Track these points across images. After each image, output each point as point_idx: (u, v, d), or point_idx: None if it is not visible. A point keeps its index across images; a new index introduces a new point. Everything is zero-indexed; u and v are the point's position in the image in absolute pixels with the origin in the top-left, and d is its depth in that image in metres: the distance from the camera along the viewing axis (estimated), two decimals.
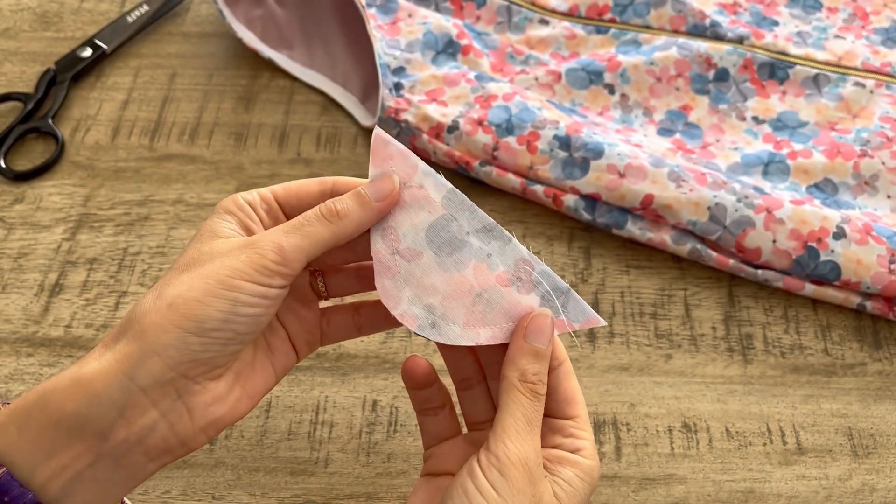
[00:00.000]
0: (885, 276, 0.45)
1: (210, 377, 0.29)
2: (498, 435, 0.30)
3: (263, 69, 0.59)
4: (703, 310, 0.47)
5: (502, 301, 0.32)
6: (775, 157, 0.51)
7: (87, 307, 0.46)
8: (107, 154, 0.54)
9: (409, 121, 0.52)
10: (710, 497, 0.40)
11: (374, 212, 0.32)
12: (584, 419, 0.33)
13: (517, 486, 0.28)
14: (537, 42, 0.58)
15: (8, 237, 0.49)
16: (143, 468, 0.29)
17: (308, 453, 0.41)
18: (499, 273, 0.32)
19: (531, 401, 0.30)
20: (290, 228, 0.30)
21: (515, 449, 0.29)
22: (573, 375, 0.33)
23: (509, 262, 0.32)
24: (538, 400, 0.31)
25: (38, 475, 0.27)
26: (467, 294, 0.32)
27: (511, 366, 0.31)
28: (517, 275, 0.32)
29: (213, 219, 0.31)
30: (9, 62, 0.59)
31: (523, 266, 0.32)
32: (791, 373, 0.45)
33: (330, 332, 0.37)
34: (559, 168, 0.49)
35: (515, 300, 0.32)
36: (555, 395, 0.33)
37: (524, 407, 0.30)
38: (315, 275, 0.36)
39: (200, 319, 0.28)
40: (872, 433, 0.43)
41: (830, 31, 0.58)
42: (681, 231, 0.48)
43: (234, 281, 0.28)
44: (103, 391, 0.27)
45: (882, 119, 0.52)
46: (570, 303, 0.32)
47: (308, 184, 0.33)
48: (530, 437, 0.30)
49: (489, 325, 0.32)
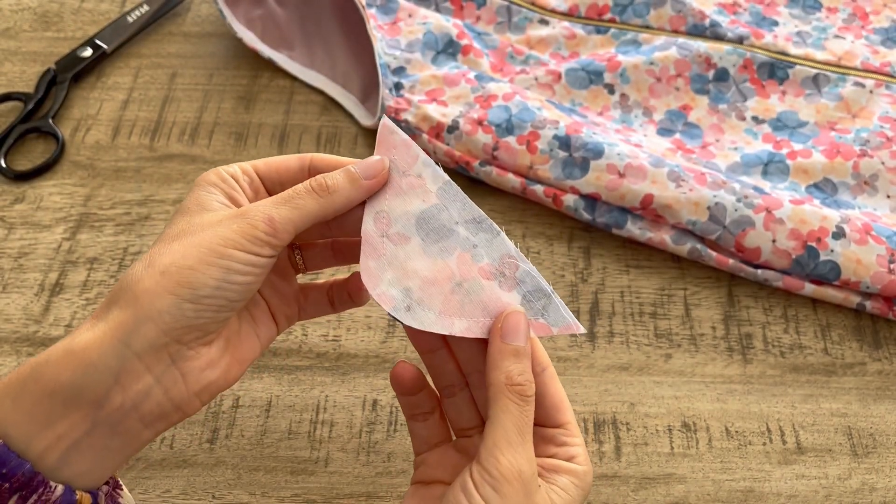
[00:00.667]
0: (885, 275, 0.45)
1: (203, 342, 0.30)
2: (489, 449, 0.29)
3: (264, 69, 0.59)
4: (703, 309, 0.47)
5: (482, 294, 0.32)
6: (775, 156, 0.51)
7: (88, 307, 0.46)
8: (107, 154, 0.54)
9: (409, 121, 0.52)
10: (710, 496, 0.40)
11: (363, 189, 0.32)
12: (574, 424, 0.33)
13: (512, 500, 0.28)
14: (537, 42, 0.58)
15: (8, 237, 0.49)
16: (138, 435, 0.29)
17: (308, 453, 0.41)
18: (482, 265, 0.32)
19: (520, 405, 0.30)
20: (280, 201, 0.31)
21: (507, 462, 0.29)
22: (558, 380, 0.33)
23: (494, 256, 0.32)
24: (527, 403, 0.30)
25: (34, 446, 0.27)
26: (447, 282, 0.32)
27: (495, 370, 0.31)
28: (501, 269, 0.32)
29: (198, 191, 0.32)
30: (9, 62, 0.59)
31: (508, 261, 0.32)
32: (790, 372, 0.45)
33: (307, 307, 0.38)
34: (559, 168, 0.49)
35: (496, 295, 0.32)
36: (542, 401, 0.33)
37: (514, 415, 0.30)
38: (294, 249, 0.37)
39: (194, 286, 0.28)
40: (872, 433, 0.43)
41: (830, 31, 0.58)
42: (680, 231, 0.48)
43: (226, 250, 0.29)
44: (98, 359, 0.28)
45: (882, 119, 0.52)
46: (550, 306, 0.32)
47: (288, 159, 0.34)
48: (522, 448, 0.29)
49: (465, 316, 0.32)
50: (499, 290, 0.32)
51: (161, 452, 0.41)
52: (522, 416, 0.30)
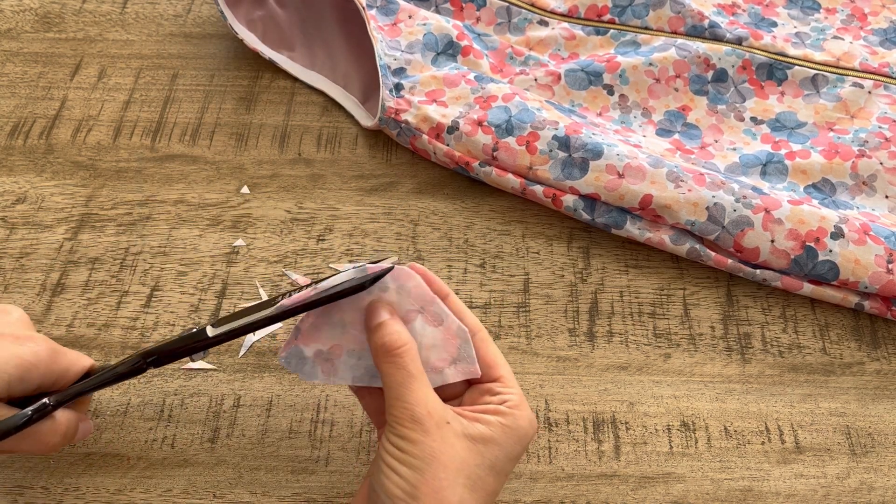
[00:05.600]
0: (883, 275, 0.45)
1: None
2: (387, 406, 0.33)
3: (264, 70, 0.59)
4: (702, 309, 0.47)
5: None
6: (773, 157, 0.51)
7: (89, 307, 0.46)
8: (108, 154, 0.54)
9: (409, 121, 0.52)
10: (709, 496, 0.41)
11: (52, 447, 0.36)
12: (508, 378, 0.36)
13: (414, 437, 0.32)
14: (537, 43, 0.58)
15: (10, 237, 0.50)
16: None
17: (309, 452, 0.41)
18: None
19: (393, 361, 0.34)
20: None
21: (399, 411, 0.33)
22: (490, 342, 0.37)
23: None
24: (399, 356, 0.34)
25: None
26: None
27: (370, 343, 0.35)
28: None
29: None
30: (11, 63, 0.59)
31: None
32: (789, 372, 0.45)
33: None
34: (558, 168, 0.49)
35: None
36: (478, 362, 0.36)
37: (392, 371, 0.34)
38: None
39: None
40: (870, 432, 0.43)
41: (829, 32, 0.58)
42: (679, 231, 0.48)
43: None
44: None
45: (880, 119, 0.52)
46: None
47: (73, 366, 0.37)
48: (412, 396, 0.33)
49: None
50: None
51: (162, 452, 0.41)
52: (398, 371, 0.33)
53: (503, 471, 0.33)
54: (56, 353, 0.36)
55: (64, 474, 0.40)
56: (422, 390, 0.33)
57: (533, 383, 0.44)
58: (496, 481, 0.33)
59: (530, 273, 0.49)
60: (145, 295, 0.47)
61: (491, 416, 0.34)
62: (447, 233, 0.50)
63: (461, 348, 0.36)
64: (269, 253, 0.49)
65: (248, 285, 0.47)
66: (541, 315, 0.47)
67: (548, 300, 0.47)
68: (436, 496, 0.31)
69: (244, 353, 0.45)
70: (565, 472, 0.41)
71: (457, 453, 0.32)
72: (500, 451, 0.33)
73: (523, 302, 0.47)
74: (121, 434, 0.42)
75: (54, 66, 0.59)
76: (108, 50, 0.60)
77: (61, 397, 0.35)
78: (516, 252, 0.50)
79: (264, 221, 0.51)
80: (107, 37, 0.61)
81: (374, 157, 0.54)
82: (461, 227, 0.51)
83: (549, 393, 0.44)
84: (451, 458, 0.32)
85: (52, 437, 0.35)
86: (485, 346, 0.36)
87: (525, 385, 0.44)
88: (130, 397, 0.43)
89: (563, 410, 0.43)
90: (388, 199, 0.52)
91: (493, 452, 0.33)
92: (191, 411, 0.43)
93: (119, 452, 0.41)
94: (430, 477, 0.31)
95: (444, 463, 0.32)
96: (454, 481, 0.31)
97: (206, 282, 0.48)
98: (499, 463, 0.33)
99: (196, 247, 0.49)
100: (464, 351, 0.36)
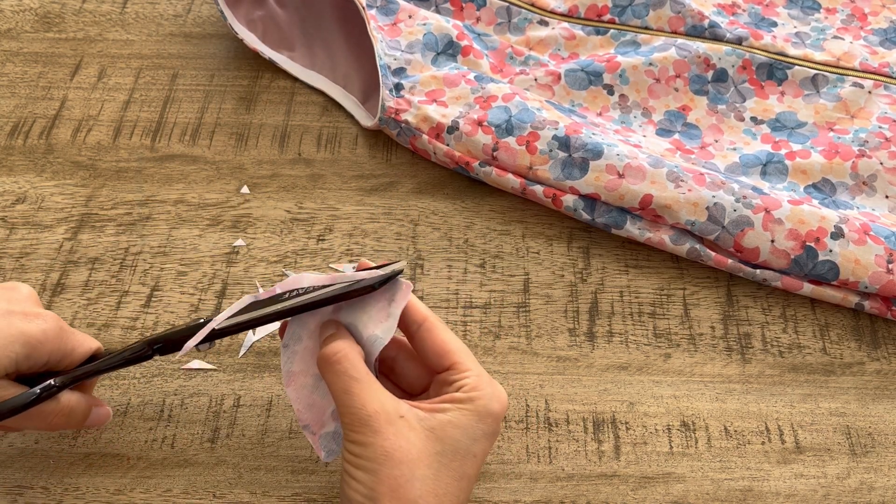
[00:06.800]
0: (883, 275, 0.45)
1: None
2: (339, 412, 0.34)
3: (264, 70, 0.59)
4: (702, 309, 0.47)
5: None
6: (774, 157, 0.51)
7: (89, 307, 0.46)
8: (108, 154, 0.54)
9: (409, 121, 0.52)
10: (709, 496, 0.41)
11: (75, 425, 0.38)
12: (463, 363, 0.35)
13: (368, 438, 0.32)
14: (537, 43, 0.58)
15: (10, 237, 0.50)
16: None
17: (309, 452, 0.41)
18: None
19: (331, 369, 0.34)
20: None
21: (350, 416, 0.33)
22: (440, 329, 0.36)
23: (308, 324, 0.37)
24: (335, 364, 0.34)
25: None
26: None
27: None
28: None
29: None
30: (11, 63, 0.59)
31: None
32: (789, 372, 0.45)
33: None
34: (558, 168, 0.49)
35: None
36: (426, 352, 0.36)
37: (332, 380, 0.34)
38: None
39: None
40: (870, 432, 0.43)
41: (829, 32, 0.58)
42: (679, 231, 0.48)
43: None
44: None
45: (880, 119, 0.52)
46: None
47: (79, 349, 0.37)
48: (356, 397, 0.33)
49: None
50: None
51: (162, 452, 0.41)
52: (339, 378, 0.34)
53: (470, 452, 0.33)
54: (64, 331, 0.36)
55: (64, 474, 0.40)
56: (366, 391, 0.33)
57: (533, 383, 0.44)
58: (465, 464, 0.33)
59: (530, 273, 0.49)
60: (145, 295, 0.47)
61: (448, 403, 0.34)
62: (447, 233, 0.50)
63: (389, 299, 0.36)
64: (269, 253, 0.49)
65: (248, 285, 0.47)
66: (541, 315, 0.47)
67: (548, 300, 0.47)
68: (393, 494, 0.31)
69: (244, 353, 0.45)
70: (565, 472, 0.41)
71: (412, 445, 0.32)
72: (459, 433, 0.33)
73: (523, 302, 0.47)
74: (121, 434, 0.42)
75: (54, 66, 0.59)
76: (108, 50, 0.60)
77: (66, 379, 0.35)
78: (516, 252, 0.50)
79: (264, 221, 0.51)
80: (107, 37, 0.61)
81: (374, 157, 0.54)
82: (461, 227, 0.51)
83: (549, 393, 0.44)
84: (406, 452, 0.32)
85: (57, 417, 0.36)
86: (433, 335, 0.36)
87: (525, 385, 0.44)
88: (130, 397, 0.43)
89: (563, 410, 0.43)
90: (388, 199, 0.52)
91: (453, 435, 0.33)
92: (191, 411, 0.43)
93: (119, 452, 0.41)
94: (384, 476, 0.31)
95: (399, 459, 0.32)
96: (412, 476, 0.32)
97: (206, 282, 0.48)
98: (462, 445, 0.33)
99: (196, 247, 0.49)
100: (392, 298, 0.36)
